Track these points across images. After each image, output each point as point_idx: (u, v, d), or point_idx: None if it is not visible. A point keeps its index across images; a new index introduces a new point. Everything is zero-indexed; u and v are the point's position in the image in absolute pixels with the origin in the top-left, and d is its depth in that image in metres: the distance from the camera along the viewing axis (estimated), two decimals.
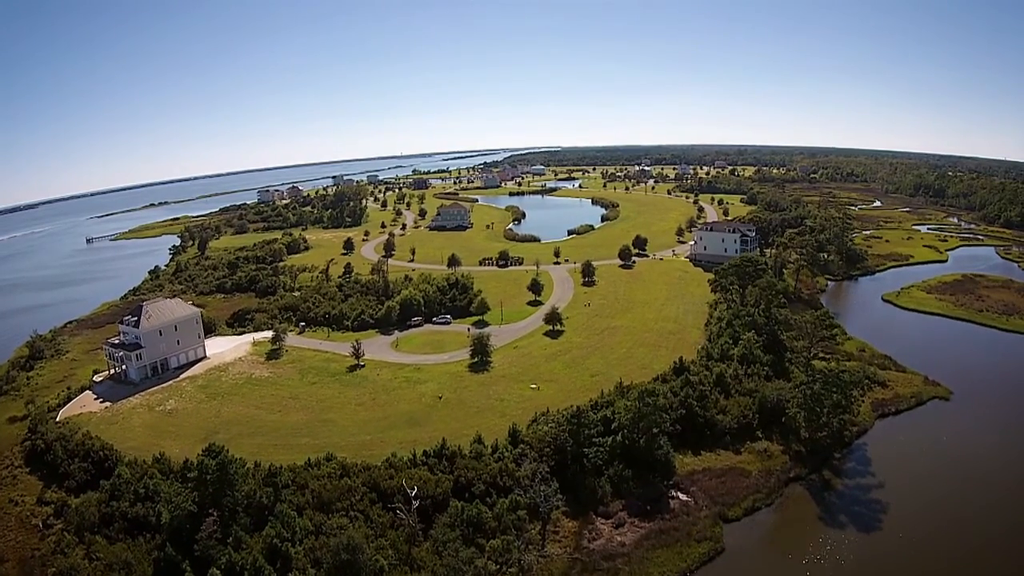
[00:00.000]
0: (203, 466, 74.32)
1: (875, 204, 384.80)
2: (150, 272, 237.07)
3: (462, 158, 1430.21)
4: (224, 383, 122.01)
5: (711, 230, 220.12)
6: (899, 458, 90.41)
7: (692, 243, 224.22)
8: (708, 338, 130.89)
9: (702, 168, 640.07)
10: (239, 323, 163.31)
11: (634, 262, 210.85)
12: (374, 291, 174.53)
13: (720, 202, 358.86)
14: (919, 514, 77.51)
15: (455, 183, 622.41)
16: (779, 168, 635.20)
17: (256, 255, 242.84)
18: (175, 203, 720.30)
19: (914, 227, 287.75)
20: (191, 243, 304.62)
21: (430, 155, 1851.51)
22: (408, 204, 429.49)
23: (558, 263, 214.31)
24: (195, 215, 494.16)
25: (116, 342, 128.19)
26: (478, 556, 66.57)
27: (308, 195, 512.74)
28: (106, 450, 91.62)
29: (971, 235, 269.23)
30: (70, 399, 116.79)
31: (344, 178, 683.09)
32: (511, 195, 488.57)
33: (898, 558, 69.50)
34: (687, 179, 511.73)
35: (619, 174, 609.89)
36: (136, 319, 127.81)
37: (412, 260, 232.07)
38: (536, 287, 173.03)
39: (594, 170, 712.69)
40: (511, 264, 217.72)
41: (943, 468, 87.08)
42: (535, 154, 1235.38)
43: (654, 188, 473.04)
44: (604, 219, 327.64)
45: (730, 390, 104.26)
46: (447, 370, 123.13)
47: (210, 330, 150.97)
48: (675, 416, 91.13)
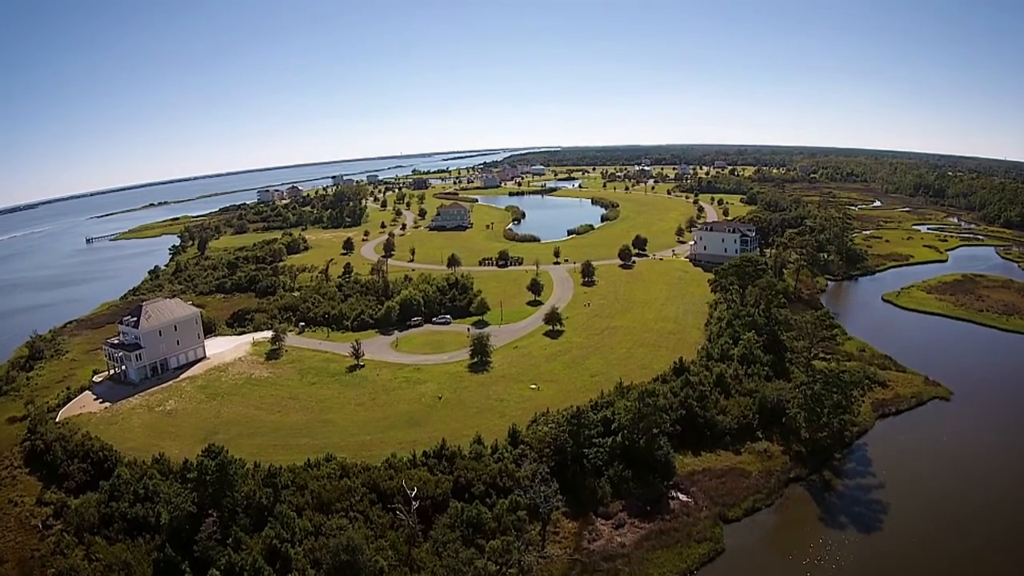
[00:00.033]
0: (203, 467, 74.25)
1: (875, 204, 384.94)
2: (150, 272, 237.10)
3: (462, 158, 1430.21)
4: (224, 383, 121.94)
5: (711, 230, 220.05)
6: (899, 458, 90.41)
7: (692, 243, 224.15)
8: (708, 338, 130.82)
9: (702, 168, 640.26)
10: (239, 323, 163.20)
11: (634, 262, 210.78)
12: (374, 291, 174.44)
13: (720, 202, 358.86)
14: (919, 514, 77.51)
15: (455, 183, 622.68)
16: (779, 168, 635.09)
17: (256, 255, 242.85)
18: (175, 203, 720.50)
19: (914, 227, 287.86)
20: (191, 243, 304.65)
21: (430, 155, 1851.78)
22: (408, 204, 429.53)
23: (558, 263, 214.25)
24: (195, 215, 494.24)
25: (116, 342, 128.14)
26: (478, 557, 66.52)
27: (308, 195, 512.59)
28: (106, 450, 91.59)
29: (971, 235, 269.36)
30: (70, 399, 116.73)
31: (344, 178, 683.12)
32: (511, 195, 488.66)
33: (898, 558, 69.48)
34: (687, 179, 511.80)
35: (619, 174, 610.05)
36: (136, 319, 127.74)
37: (412, 260, 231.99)
38: (536, 287, 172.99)
39: (594, 170, 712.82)
40: (511, 264, 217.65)
41: (943, 468, 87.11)
42: (535, 154, 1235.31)
43: (654, 188, 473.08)
44: (604, 219, 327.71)
45: (730, 390, 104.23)
46: (447, 370, 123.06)
47: (210, 330, 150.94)
48: (675, 416, 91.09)
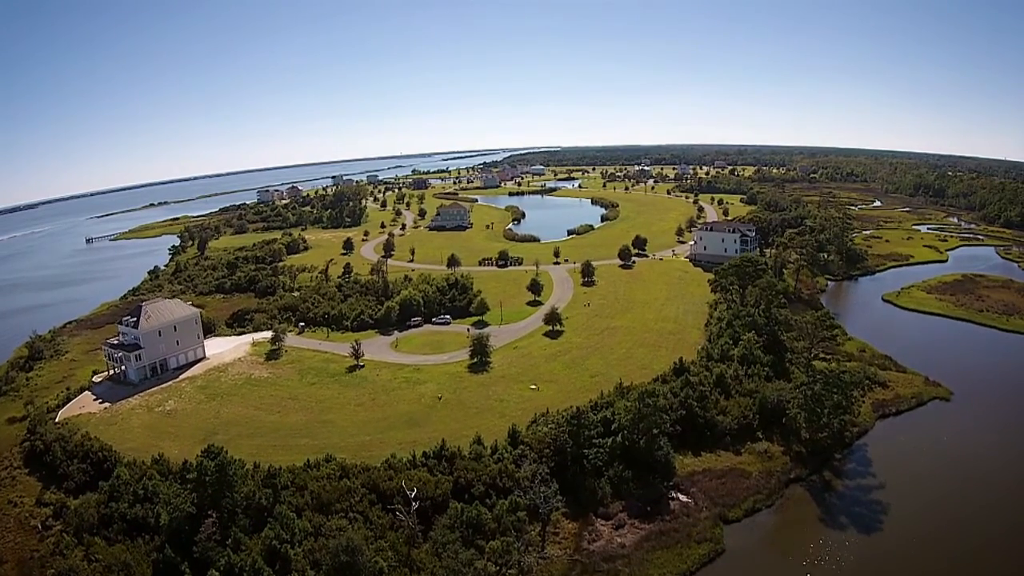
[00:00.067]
0: (202, 467, 74.15)
1: (875, 204, 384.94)
2: (149, 272, 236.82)
3: (462, 158, 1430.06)
4: (223, 384, 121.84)
5: (711, 230, 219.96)
6: (900, 459, 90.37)
7: (692, 243, 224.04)
8: (708, 338, 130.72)
9: (702, 168, 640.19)
10: (238, 323, 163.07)
11: (634, 262, 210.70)
12: (373, 291, 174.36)
13: (720, 202, 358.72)
14: (920, 515, 77.46)
15: (455, 183, 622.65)
16: (779, 168, 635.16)
17: (255, 255, 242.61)
18: (175, 203, 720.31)
19: (914, 227, 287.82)
20: (190, 243, 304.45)
21: (430, 155, 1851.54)
22: (408, 204, 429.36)
23: (558, 263, 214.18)
24: (195, 215, 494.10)
25: (115, 343, 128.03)
26: (478, 558, 66.44)
27: (308, 195, 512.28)
28: (105, 451, 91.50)
29: (971, 235, 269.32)
30: (69, 400, 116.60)
31: (344, 178, 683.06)
32: (511, 195, 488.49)
33: (899, 559, 69.43)
34: (687, 179, 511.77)
35: (619, 174, 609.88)
36: (135, 320, 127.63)
37: (412, 260, 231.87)
38: (536, 287, 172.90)
39: (594, 170, 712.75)
40: (511, 264, 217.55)
41: (944, 468, 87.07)
42: (535, 154, 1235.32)
43: (654, 188, 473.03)
44: (604, 219, 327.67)
45: (730, 391, 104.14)
46: (446, 370, 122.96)
47: (209, 330, 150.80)
48: (675, 417, 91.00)
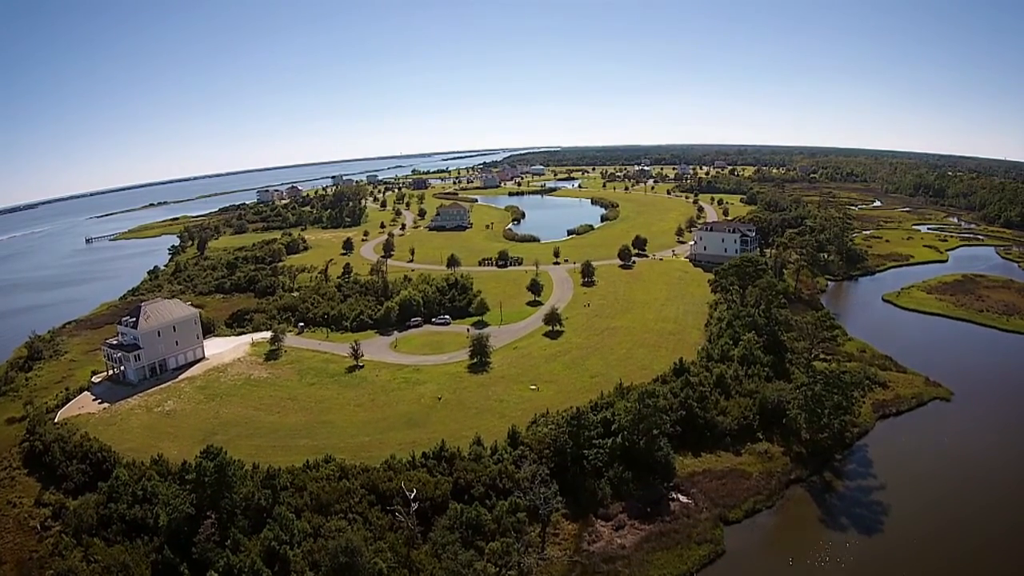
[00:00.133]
0: (201, 468, 73.98)
1: (875, 204, 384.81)
2: (149, 272, 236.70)
3: (461, 158, 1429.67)
4: (223, 384, 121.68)
5: (711, 230, 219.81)
6: (900, 459, 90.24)
7: (692, 243, 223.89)
8: (708, 339, 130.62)
9: (702, 168, 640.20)
10: (238, 323, 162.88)
11: (634, 262, 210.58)
12: (373, 291, 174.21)
13: (720, 202, 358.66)
14: (920, 515, 77.33)
15: (454, 183, 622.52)
16: (779, 168, 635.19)
17: (255, 255, 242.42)
18: (174, 203, 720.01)
19: (914, 227, 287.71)
20: (190, 243, 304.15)
21: (430, 155, 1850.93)
22: (407, 204, 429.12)
23: (558, 263, 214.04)
24: (194, 215, 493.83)
25: (114, 343, 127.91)
26: (477, 559, 66.30)
27: (307, 195, 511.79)
28: (104, 451, 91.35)
29: (971, 235, 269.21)
30: (68, 400, 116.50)
31: (343, 178, 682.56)
32: (510, 195, 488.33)
33: (899, 559, 69.30)
34: (687, 179, 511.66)
35: (619, 174, 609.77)
36: (134, 320, 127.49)
37: (411, 260, 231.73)
38: (536, 287, 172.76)
39: (593, 170, 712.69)
40: (510, 264, 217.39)
41: (944, 469, 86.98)
42: (535, 154, 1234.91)
43: (654, 188, 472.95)
44: (604, 219, 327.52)
45: (730, 391, 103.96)
46: (446, 371, 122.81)
47: (209, 331, 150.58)
48: (675, 417, 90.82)
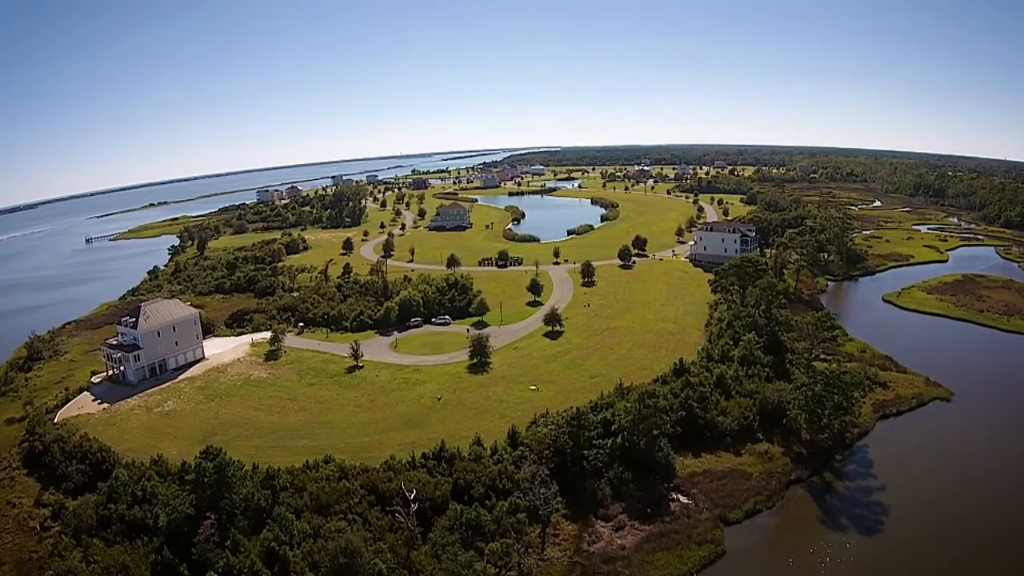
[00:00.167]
0: (201, 468, 73.88)
1: (875, 204, 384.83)
2: (149, 272, 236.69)
3: (461, 158, 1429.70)
4: (222, 384, 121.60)
5: (711, 230, 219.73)
6: (900, 459, 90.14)
7: (692, 243, 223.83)
8: (708, 339, 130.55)
9: (702, 168, 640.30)
10: (238, 324, 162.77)
11: (634, 262, 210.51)
12: (373, 292, 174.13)
13: (720, 202, 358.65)
14: (920, 515, 77.25)
15: (454, 183, 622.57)
16: (779, 168, 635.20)
17: (255, 255, 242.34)
18: (174, 203, 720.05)
19: (914, 227, 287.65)
20: (190, 243, 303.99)
21: (430, 155, 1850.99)
22: (407, 204, 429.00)
23: (557, 263, 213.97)
24: (194, 215, 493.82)
25: (114, 343, 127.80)
26: (477, 559, 66.27)
27: (307, 195, 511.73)
28: (104, 452, 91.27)
29: (971, 235, 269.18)
30: (68, 400, 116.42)
31: (343, 178, 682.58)
32: (510, 195, 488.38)
33: (900, 559, 69.20)
34: (687, 179, 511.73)
35: (618, 174, 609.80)
36: (134, 320, 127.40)
37: (411, 260, 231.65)
38: (535, 287, 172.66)
39: (593, 170, 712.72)
40: (510, 264, 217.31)
41: (944, 469, 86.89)
42: (534, 154, 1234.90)
43: (653, 188, 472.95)
44: (604, 219, 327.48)
45: (731, 391, 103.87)
46: (446, 371, 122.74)
47: (208, 331, 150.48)
48: (675, 418, 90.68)
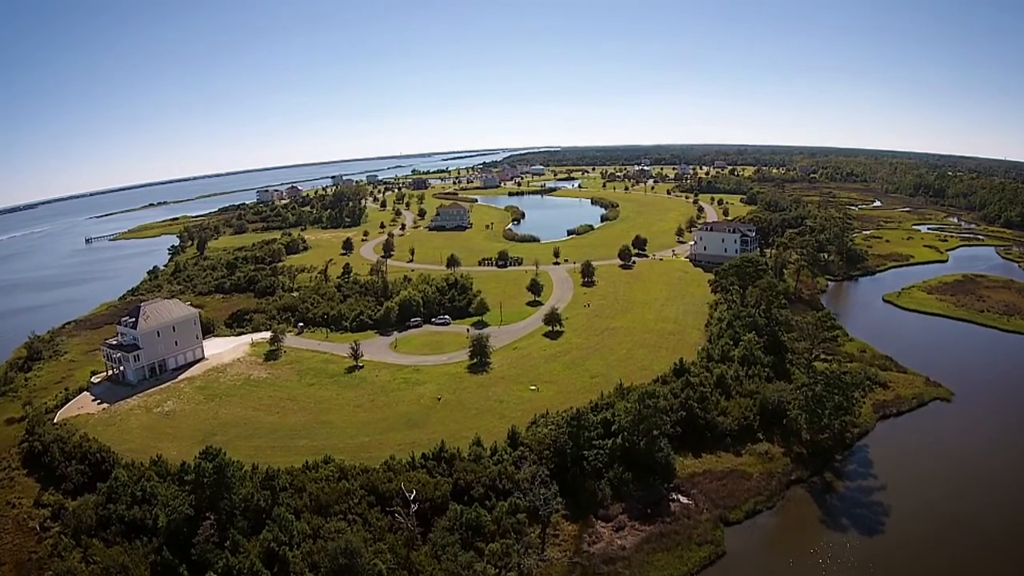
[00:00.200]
0: (200, 469, 73.76)
1: (875, 204, 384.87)
2: (149, 272, 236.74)
3: (461, 158, 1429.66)
4: (222, 384, 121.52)
5: (711, 230, 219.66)
6: (901, 460, 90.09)
7: (692, 243, 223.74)
8: (708, 339, 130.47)
9: (702, 168, 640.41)
10: (237, 324, 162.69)
11: (634, 262, 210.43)
12: (373, 292, 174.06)
13: (720, 202, 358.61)
14: (921, 515, 77.21)
15: (454, 183, 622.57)
16: (779, 168, 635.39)
17: (255, 255, 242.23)
18: (174, 203, 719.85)
19: (914, 227, 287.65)
20: (190, 243, 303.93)
21: (430, 155, 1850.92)
22: (407, 204, 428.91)
23: (557, 263, 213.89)
24: (194, 215, 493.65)
25: (114, 343, 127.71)
26: (477, 560, 66.21)
27: (307, 195, 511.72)
28: (103, 452, 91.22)
29: (971, 235, 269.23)
30: (68, 400, 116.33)
31: (343, 178, 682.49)
32: (510, 195, 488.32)
33: (900, 560, 69.16)
34: (687, 179, 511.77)
35: (618, 174, 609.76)
36: (134, 320, 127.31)
37: (411, 260, 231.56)
38: (535, 287, 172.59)
39: (593, 170, 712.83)
40: (510, 264, 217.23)
41: (945, 469, 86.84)
42: (534, 154, 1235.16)
43: (653, 188, 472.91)
44: (604, 219, 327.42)
45: (731, 392, 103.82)
46: (446, 371, 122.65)
47: (208, 331, 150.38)
48: (675, 418, 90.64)
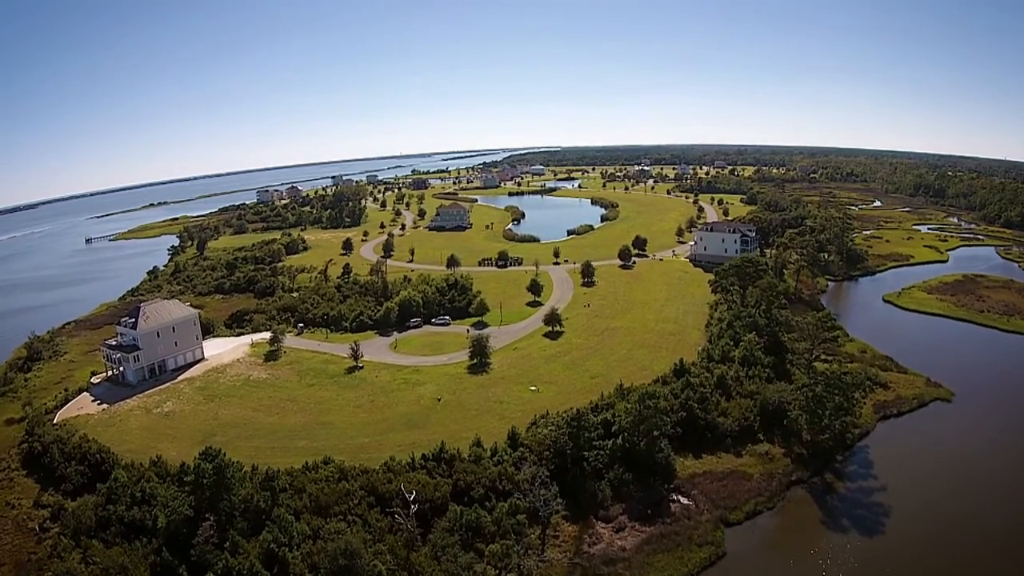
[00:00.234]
0: (200, 470, 73.66)
1: (875, 204, 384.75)
2: (148, 273, 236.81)
3: (461, 158, 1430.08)
4: (222, 385, 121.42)
5: (711, 230, 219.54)
6: (901, 460, 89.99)
7: (692, 243, 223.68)
8: (709, 339, 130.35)
9: (702, 168, 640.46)
10: (237, 324, 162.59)
11: (634, 262, 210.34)
12: (373, 292, 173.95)
13: (720, 202, 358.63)
14: (921, 516, 77.16)
15: (454, 183, 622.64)
16: (779, 168, 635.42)
17: (255, 255, 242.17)
18: (174, 203, 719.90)
19: (914, 227, 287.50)
20: (190, 243, 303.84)
21: (430, 155, 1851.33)
22: (407, 204, 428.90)
23: (557, 263, 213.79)
24: (194, 215, 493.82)
25: (114, 343, 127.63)
26: (477, 561, 66.14)
27: (307, 195, 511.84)
28: (103, 453, 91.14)
29: (971, 235, 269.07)
30: (67, 401, 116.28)
31: (343, 178, 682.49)
32: (510, 195, 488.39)
33: (900, 560, 69.08)
34: (687, 179, 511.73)
35: (619, 174, 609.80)
36: (134, 320, 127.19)
37: (411, 261, 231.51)
38: (535, 288, 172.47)
39: (593, 170, 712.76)
40: (510, 264, 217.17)
41: (945, 469, 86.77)
42: (534, 154, 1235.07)
43: (654, 188, 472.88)
44: (604, 219, 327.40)
45: (731, 392, 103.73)
46: (446, 372, 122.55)
47: (208, 331, 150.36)
48: (676, 419, 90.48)
